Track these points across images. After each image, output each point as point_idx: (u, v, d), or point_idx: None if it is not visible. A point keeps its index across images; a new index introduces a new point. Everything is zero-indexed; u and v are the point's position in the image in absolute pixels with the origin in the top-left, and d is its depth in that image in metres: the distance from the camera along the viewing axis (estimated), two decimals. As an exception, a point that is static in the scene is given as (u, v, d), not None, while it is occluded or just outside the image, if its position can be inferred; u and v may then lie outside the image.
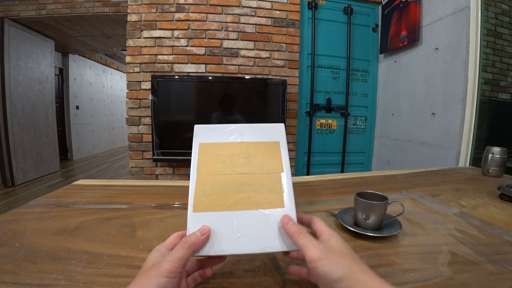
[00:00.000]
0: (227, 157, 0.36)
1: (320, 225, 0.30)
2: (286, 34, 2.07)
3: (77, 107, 4.62)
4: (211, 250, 0.29)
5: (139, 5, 1.93)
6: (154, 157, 1.92)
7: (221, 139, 0.38)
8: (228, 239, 0.30)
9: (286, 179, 0.34)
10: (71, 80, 4.42)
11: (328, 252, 0.26)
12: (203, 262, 0.32)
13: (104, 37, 3.35)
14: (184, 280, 0.29)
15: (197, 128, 0.38)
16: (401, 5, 1.97)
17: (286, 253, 0.32)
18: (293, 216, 0.32)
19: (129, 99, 1.97)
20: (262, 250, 0.30)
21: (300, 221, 0.33)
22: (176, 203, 0.61)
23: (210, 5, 1.97)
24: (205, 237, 0.29)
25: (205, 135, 0.38)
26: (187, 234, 0.29)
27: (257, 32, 2.04)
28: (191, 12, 1.96)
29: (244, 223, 0.31)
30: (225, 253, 0.29)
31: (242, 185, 0.33)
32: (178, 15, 1.95)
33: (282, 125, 0.39)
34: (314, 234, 0.31)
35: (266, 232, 0.31)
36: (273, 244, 0.30)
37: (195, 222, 0.31)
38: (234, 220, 0.31)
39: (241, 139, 0.38)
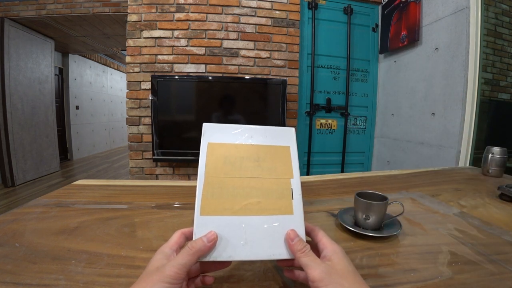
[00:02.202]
0: (236, 159, 0.35)
1: (322, 238, 0.30)
2: (286, 34, 2.07)
3: (77, 107, 4.62)
4: (219, 256, 0.29)
5: (139, 5, 1.93)
6: (154, 157, 1.92)
7: (230, 139, 0.37)
8: (236, 245, 0.29)
9: (295, 185, 0.34)
10: (71, 80, 4.42)
11: (330, 273, 0.25)
12: (207, 266, 0.31)
13: (104, 37, 3.35)
14: (184, 282, 0.29)
15: (206, 126, 0.37)
16: (401, 5, 1.97)
17: (285, 261, 0.31)
18: (301, 225, 0.31)
19: (129, 99, 1.97)
20: (270, 257, 0.29)
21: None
22: (176, 203, 0.61)
23: (210, 5, 1.97)
24: (212, 243, 0.28)
25: (213, 135, 0.37)
26: (194, 238, 0.29)
27: (257, 32, 2.04)
28: (191, 12, 1.96)
29: (252, 229, 0.30)
30: (232, 258, 0.29)
31: (251, 190, 0.33)
32: (178, 15, 1.95)
33: (293, 129, 0.39)
34: (315, 246, 0.30)
35: (274, 238, 0.30)
36: (281, 251, 0.30)
37: (202, 226, 0.30)
38: (242, 226, 0.30)
39: (251, 141, 0.37)
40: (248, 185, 0.33)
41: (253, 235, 0.30)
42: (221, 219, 0.31)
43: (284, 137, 0.38)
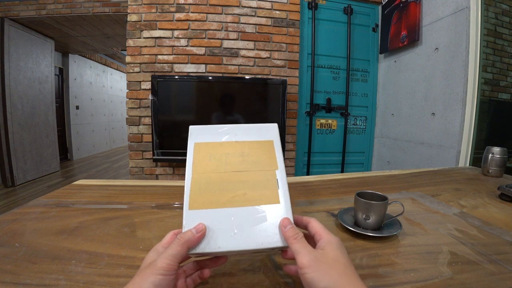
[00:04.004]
0: (222, 155, 0.36)
1: (318, 229, 0.30)
2: (286, 34, 2.07)
3: (77, 107, 4.62)
4: (207, 247, 0.29)
5: (139, 5, 1.93)
6: (154, 157, 1.92)
7: (215, 138, 0.38)
8: (224, 236, 0.30)
9: (280, 176, 0.35)
10: (71, 80, 4.42)
11: (318, 261, 0.25)
12: (203, 264, 0.32)
13: (104, 37, 3.35)
14: (183, 280, 0.29)
15: (192, 128, 0.39)
16: (401, 5, 1.97)
17: (284, 253, 0.32)
18: (289, 213, 0.32)
19: (129, 99, 1.97)
20: (259, 246, 0.30)
21: (297, 222, 0.32)
22: (176, 203, 0.61)
23: (210, 5, 1.97)
24: (201, 234, 0.29)
25: (199, 135, 0.38)
26: (183, 231, 0.29)
27: (257, 32, 2.04)
28: (191, 12, 1.96)
29: (240, 220, 0.31)
30: (222, 249, 0.29)
31: (238, 183, 0.34)
32: (178, 15, 1.95)
33: (275, 124, 0.40)
34: (311, 238, 0.30)
35: (262, 228, 0.31)
36: (270, 240, 0.30)
37: (190, 219, 0.31)
38: (230, 217, 0.31)
39: (235, 138, 0.38)
40: (234, 178, 0.34)
41: (241, 226, 0.31)
42: (209, 212, 0.31)
43: (267, 132, 0.39)
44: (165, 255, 0.26)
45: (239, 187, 0.33)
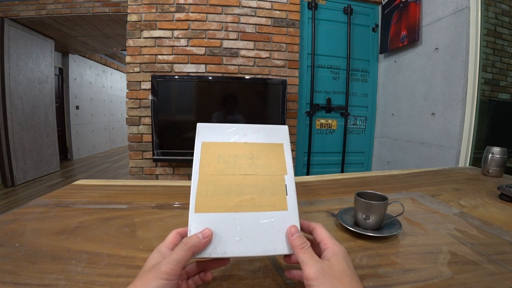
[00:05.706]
0: (230, 157, 0.35)
1: (324, 237, 0.29)
2: (286, 34, 2.07)
3: (77, 107, 4.62)
4: (213, 252, 0.29)
5: (139, 5, 1.93)
6: (154, 157, 1.92)
7: (224, 138, 0.37)
8: (231, 241, 0.30)
9: (289, 181, 0.34)
10: (71, 80, 4.42)
11: (325, 273, 0.25)
12: (205, 265, 0.31)
13: (104, 37, 3.35)
14: (184, 282, 0.29)
15: (200, 126, 0.38)
16: (401, 5, 1.97)
17: (286, 257, 0.32)
18: (296, 220, 0.31)
19: (129, 99, 1.97)
20: (265, 253, 0.30)
21: (303, 227, 0.32)
22: (176, 203, 0.61)
23: (210, 5, 1.97)
24: (207, 240, 0.28)
25: (207, 134, 0.37)
26: (189, 235, 0.29)
27: (257, 32, 2.04)
28: (191, 12, 1.96)
29: (246, 225, 0.31)
30: (228, 255, 0.29)
31: (245, 187, 0.33)
32: (178, 15, 1.95)
33: (286, 127, 0.39)
34: (317, 245, 0.30)
35: (269, 234, 0.30)
36: (276, 247, 0.30)
37: (196, 223, 0.30)
38: (236, 222, 0.31)
39: (244, 139, 0.37)
40: (242, 182, 0.33)
41: (248, 232, 0.30)
42: (216, 216, 0.31)
43: (277, 134, 0.38)
44: (169, 259, 0.26)
45: (246, 192, 0.33)
